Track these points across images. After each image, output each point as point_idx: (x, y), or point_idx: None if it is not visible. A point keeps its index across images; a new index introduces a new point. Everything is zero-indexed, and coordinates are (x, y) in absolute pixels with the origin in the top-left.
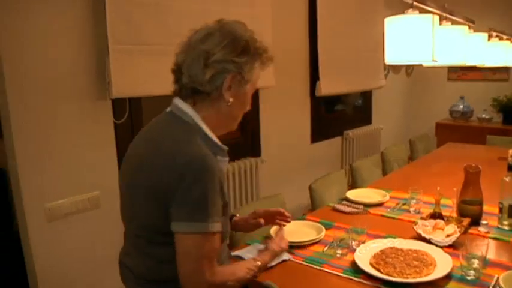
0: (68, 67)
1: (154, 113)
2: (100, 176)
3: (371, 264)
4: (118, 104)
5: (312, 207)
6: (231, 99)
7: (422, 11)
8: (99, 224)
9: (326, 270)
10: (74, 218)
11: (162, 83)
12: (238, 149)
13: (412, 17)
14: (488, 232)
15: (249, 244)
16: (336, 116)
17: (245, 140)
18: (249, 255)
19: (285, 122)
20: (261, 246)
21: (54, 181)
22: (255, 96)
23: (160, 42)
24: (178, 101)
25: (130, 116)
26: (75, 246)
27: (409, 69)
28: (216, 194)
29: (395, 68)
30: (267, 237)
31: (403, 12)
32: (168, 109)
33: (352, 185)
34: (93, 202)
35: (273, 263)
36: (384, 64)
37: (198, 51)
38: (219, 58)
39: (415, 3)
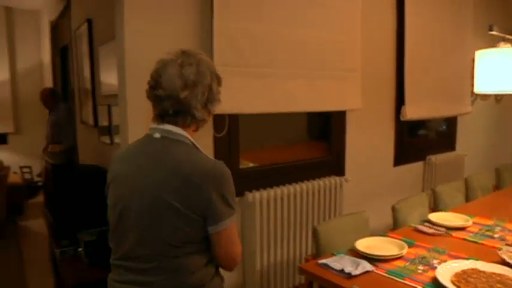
0: None
1: (249, 128)
2: None
3: (452, 282)
4: (218, 119)
5: (393, 227)
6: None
7: None
8: None
9: (407, 283)
10: None
11: (259, 103)
12: (324, 167)
13: (504, 50)
14: None
15: (335, 255)
16: (419, 140)
17: (331, 159)
18: (336, 264)
19: (369, 143)
20: (346, 257)
21: None
22: (342, 117)
23: (258, 65)
24: (169, 127)
25: (228, 130)
26: None
27: (499, 96)
28: None
29: (484, 95)
30: (351, 250)
31: (491, 41)
32: (158, 135)
33: (434, 209)
34: None
35: (357, 272)
36: (471, 90)
37: (202, 88)
38: (215, 91)
39: (507, 36)
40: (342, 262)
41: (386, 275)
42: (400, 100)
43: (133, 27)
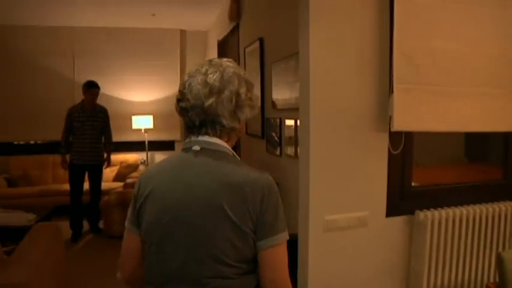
0: (356, 101)
1: (422, 146)
2: (370, 198)
3: None
4: (395, 136)
5: None
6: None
7: None
8: (365, 241)
9: None
10: (345, 232)
11: (440, 120)
12: (500, 190)
13: None
14: None
15: None
16: None
17: (508, 183)
18: None
19: None
20: None
21: (334, 197)
22: None
23: (437, 83)
24: (205, 138)
25: (403, 148)
26: (344, 257)
27: None
28: None
29: None
30: None
31: None
32: (197, 147)
33: None
34: (362, 220)
35: None
36: None
37: (229, 93)
38: (245, 97)
39: None
40: None
41: None
42: None
43: (318, 41)
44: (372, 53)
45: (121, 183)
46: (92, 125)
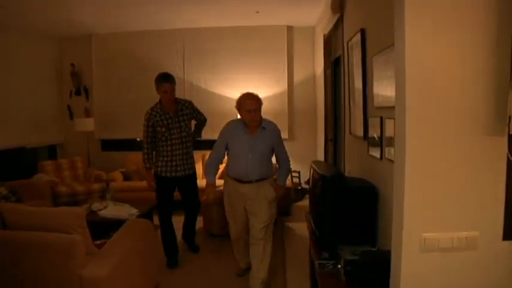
0: (467, 100)
1: None
2: (482, 215)
3: None
4: None
5: None
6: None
7: None
8: (473, 267)
9: None
10: (448, 254)
11: None
12: None
13: None
14: None
15: None
16: None
17: None
18: None
19: None
20: None
21: (434, 211)
22: None
23: None
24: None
25: None
26: (445, 285)
27: None
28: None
29: None
30: None
31: None
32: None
33: None
34: (470, 242)
35: None
36: None
37: None
38: None
39: None
40: None
41: None
42: None
43: (414, 34)
44: (484, 36)
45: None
46: (179, 127)
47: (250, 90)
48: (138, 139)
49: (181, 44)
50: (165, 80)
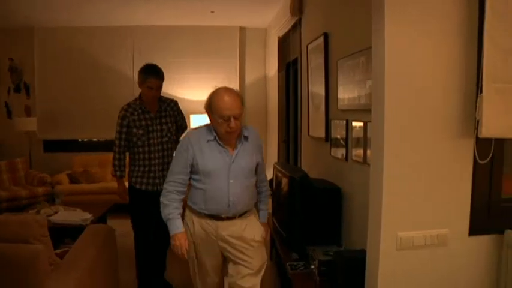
0: (439, 105)
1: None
2: (451, 214)
3: None
4: (481, 144)
5: None
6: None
7: None
8: (444, 263)
9: None
10: (421, 251)
11: None
12: None
13: None
14: None
15: None
16: None
17: None
18: None
19: None
20: None
21: (409, 211)
22: None
23: None
24: None
25: (492, 157)
26: (419, 280)
27: None
28: None
29: None
30: None
31: None
32: None
33: None
34: (441, 239)
35: None
36: None
37: None
38: None
39: None
40: None
41: None
42: None
43: (394, 38)
44: (456, 48)
45: None
46: (160, 130)
47: (202, 91)
48: (80, 140)
49: (132, 41)
50: (154, 73)
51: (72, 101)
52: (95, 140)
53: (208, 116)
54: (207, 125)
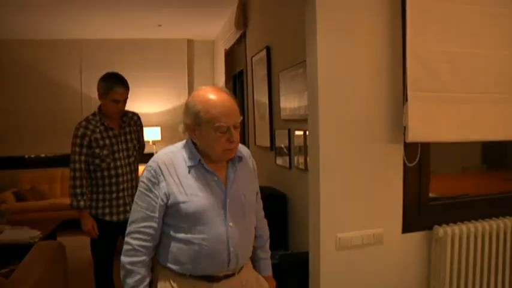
0: (368, 110)
1: (440, 157)
2: (385, 214)
3: None
4: (409, 148)
5: None
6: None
7: None
8: (380, 259)
9: None
10: (359, 250)
11: (459, 130)
12: None
13: None
14: None
15: None
16: None
17: None
18: None
19: None
20: None
21: (346, 213)
22: None
23: (457, 90)
24: None
25: (419, 159)
26: (358, 277)
27: None
28: None
29: None
30: None
31: None
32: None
33: None
34: (377, 238)
35: None
36: None
37: None
38: None
39: None
40: None
41: None
42: None
43: (326, 49)
44: (384, 59)
45: None
46: (126, 149)
47: (152, 103)
48: (27, 156)
49: (79, 55)
50: (119, 82)
51: (15, 116)
52: (43, 155)
53: (191, 131)
54: (183, 145)
